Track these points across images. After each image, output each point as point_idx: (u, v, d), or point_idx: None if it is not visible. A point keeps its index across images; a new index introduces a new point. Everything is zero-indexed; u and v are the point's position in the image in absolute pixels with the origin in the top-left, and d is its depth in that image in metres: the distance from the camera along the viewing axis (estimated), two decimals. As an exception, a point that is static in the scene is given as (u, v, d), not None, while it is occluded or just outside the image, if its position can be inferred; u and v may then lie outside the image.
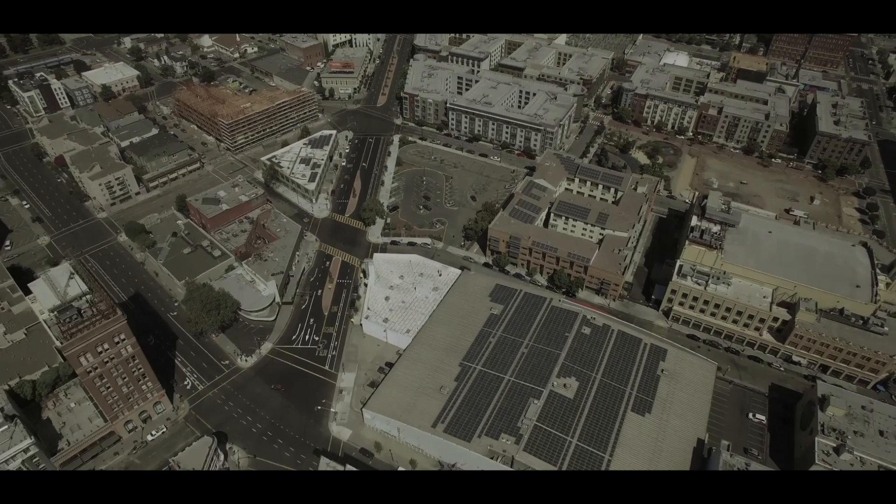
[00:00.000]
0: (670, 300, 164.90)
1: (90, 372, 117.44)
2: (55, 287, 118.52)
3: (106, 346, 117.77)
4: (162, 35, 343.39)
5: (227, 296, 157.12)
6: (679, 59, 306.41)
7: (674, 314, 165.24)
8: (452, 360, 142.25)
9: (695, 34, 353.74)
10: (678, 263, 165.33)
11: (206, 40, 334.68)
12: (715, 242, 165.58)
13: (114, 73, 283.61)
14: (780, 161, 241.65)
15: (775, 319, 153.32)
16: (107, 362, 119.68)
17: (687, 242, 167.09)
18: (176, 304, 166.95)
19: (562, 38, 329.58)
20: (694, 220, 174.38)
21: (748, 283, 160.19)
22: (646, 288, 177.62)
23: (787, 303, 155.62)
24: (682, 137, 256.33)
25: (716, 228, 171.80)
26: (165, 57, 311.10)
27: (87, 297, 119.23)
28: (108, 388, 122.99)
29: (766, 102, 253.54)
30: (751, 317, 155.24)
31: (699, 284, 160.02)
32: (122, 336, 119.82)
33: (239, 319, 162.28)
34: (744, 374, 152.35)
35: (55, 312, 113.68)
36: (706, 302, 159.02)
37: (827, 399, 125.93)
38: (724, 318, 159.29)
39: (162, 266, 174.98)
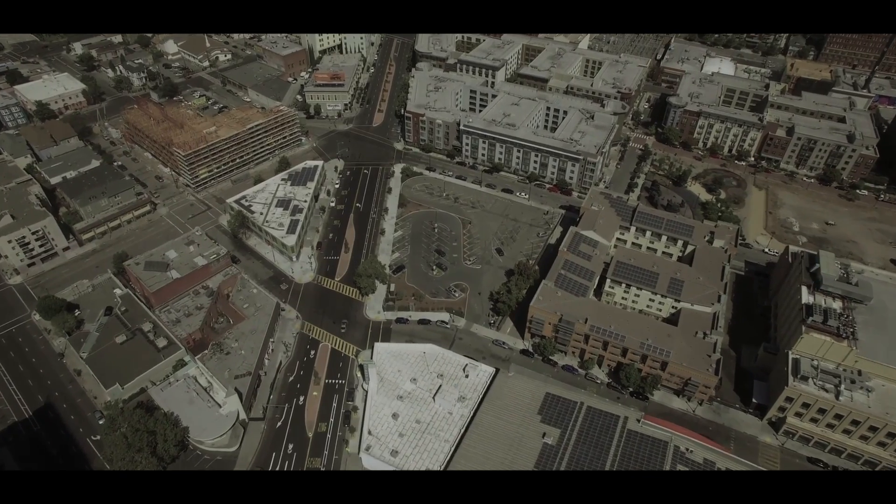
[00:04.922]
0: (783, 409, 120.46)
1: None
2: None
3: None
4: (119, 40, 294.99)
5: (167, 421, 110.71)
6: (724, 66, 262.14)
7: (787, 427, 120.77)
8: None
9: (734, 36, 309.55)
10: (791, 356, 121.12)
11: (170, 46, 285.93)
12: (844, 330, 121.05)
13: (54, 87, 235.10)
14: (866, 193, 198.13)
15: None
16: None
17: (803, 329, 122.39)
18: (101, 422, 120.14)
19: (585, 42, 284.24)
20: (804, 294, 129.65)
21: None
22: (738, 382, 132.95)
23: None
24: (743, 163, 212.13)
25: (837, 305, 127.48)
26: (121, 66, 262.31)
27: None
28: None
29: (842, 119, 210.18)
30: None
31: (827, 391, 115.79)
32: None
33: (188, 448, 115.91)
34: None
35: None
36: (838, 416, 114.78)
37: None
38: (863, 438, 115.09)
39: (85, 363, 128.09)
